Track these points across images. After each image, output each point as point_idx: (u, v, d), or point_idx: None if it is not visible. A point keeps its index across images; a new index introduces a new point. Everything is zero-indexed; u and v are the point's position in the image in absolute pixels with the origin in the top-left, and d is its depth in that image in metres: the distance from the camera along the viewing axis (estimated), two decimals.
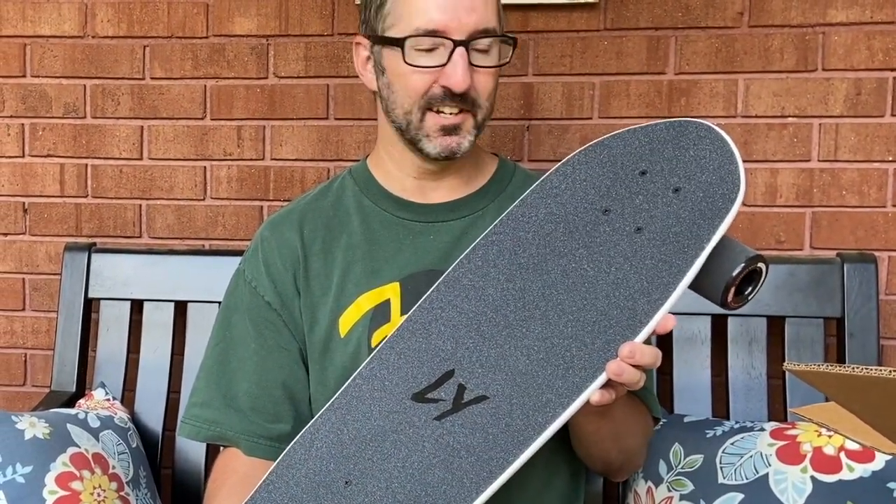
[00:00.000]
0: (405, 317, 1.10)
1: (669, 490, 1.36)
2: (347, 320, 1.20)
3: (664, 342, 1.53)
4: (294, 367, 1.22)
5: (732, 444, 1.35)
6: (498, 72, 1.19)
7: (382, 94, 1.21)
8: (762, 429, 1.37)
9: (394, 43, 1.15)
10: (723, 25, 1.63)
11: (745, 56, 1.62)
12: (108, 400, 1.64)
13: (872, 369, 0.66)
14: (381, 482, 0.97)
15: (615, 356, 0.93)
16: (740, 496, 1.30)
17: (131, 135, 1.79)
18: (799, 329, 1.54)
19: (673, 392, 1.56)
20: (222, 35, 1.75)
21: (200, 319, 1.66)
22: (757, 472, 1.31)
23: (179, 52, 1.76)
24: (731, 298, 0.95)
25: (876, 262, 1.53)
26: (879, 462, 1.27)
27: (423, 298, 1.09)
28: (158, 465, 1.66)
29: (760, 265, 0.95)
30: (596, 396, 0.94)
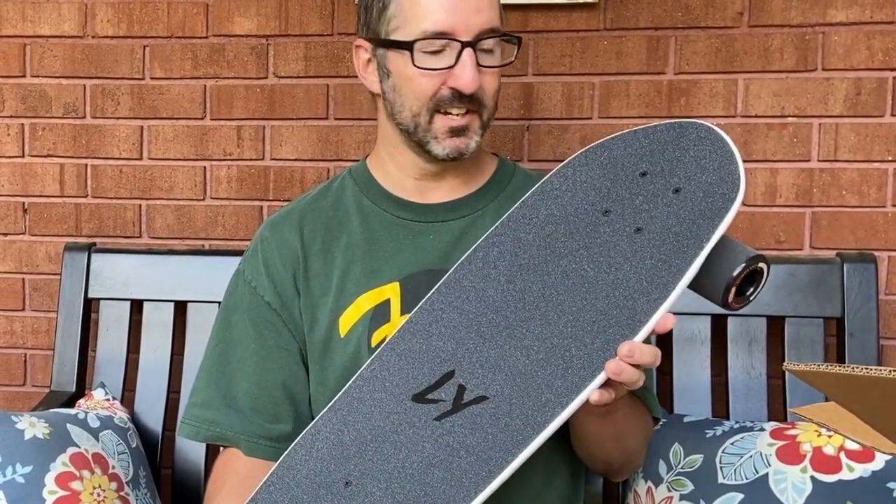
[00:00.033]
0: (406, 318, 1.10)
1: (669, 490, 1.36)
2: (347, 320, 1.20)
3: (664, 342, 1.53)
4: (294, 368, 1.22)
5: (732, 444, 1.35)
6: (501, 71, 1.19)
7: (387, 97, 1.20)
8: (762, 429, 1.37)
9: (400, 46, 1.15)
10: (722, 25, 1.63)
11: (745, 56, 1.62)
12: (108, 400, 1.64)
13: (872, 369, 0.66)
14: (381, 482, 0.97)
15: (614, 356, 0.93)
16: (740, 496, 1.30)
17: (131, 135, 1.79)
18: (799, 329, 1.54)
19: (673, 392, 1.56)
20: (222, 35, 1.75)
21: (200, 319, 1.65)
22: (757, 472, 1.31)
23: (179, 52, 1.76)
24: (733, 299, 0.94)
25: (876, 262, 1.53)
26: (879, 462, 1.27)
27: (424, 300, 1.09)
28: (158, 465, 1.66)
29: (761, 265, 0.94)
30: (595, 396, 0.94)
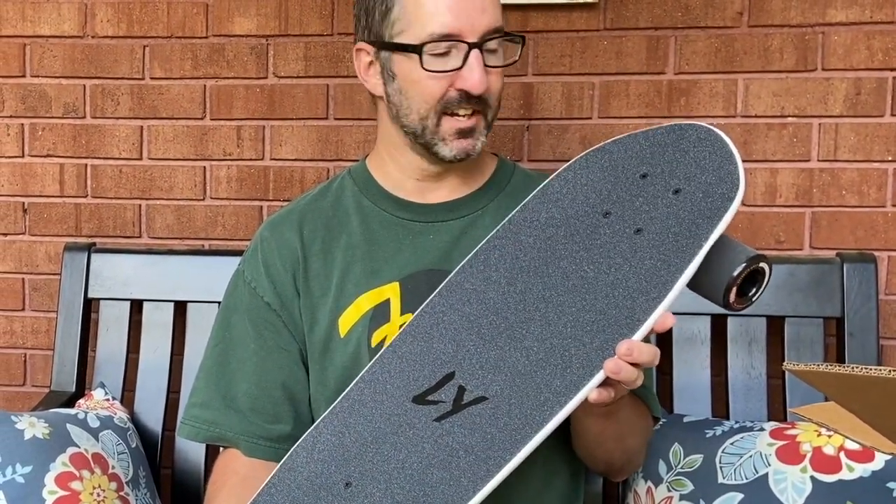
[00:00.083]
0: (406, 318, 1.10)
1: (669, 490, 1.36)
2: (347, 320, 1.20)
3: (664, 342, 1.53)
4: (294, 368, 1.22)
5: (732, 444, 1.35)
6: (504, 70, 1.19)
7: (392, 100, 1.19)
8: (762, 429, 1.37)
9: (407, 49, 1.14)
10: (722, 25, 1.63)
11: (745, 56, 1.62)
12: (108, 400, 1.64)
13: (872, 369, 0.66)
14: (381, 483, 0.97)
15: (613, 354, 0.93)
16: (740, 496, 1.30)
17: (131, 135, 1.79)
18: (799, 329, 1.54)
19: (673, 392, 1.56)
20: (222, 35, 1.75)
21: (200, 319, 1.65)
22: (756, 472, 1.31)
23: (179, 52, 1.76)
24: (734, 299, 0.94)
25: (876, 262, 1.53)
26: (879, 462, 1.27)
27: (426, 303, 1.09)
28: (158, 465, 1.66)
29: (763, 265, 0.94)
30: (594, 395, 0.94)
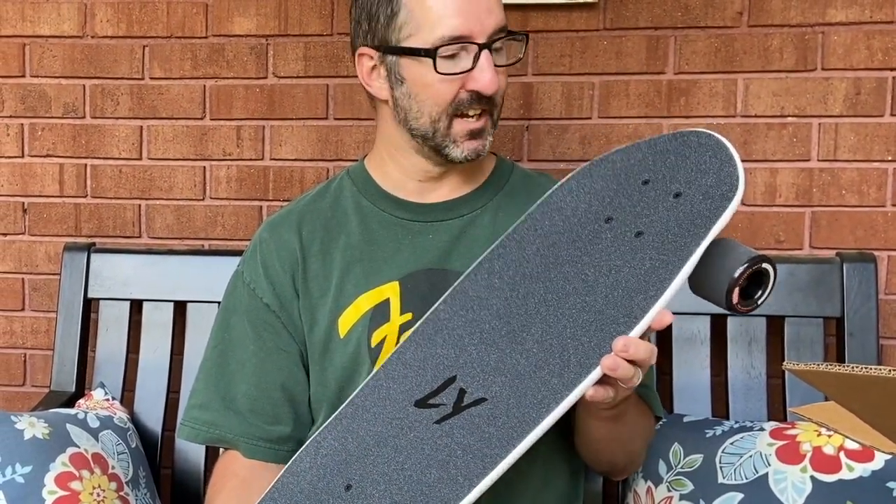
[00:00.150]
0: (413, 329, 1.11)
1: (669, 490, 1.36)
2: (347, 321, 1.20)
3: (664, 342, 1.54)
4: (293, 369, 1.22)
5: (732, 444, 1.35)
6: (508, 69, 1.19)
7: (400, 104, 1.18)
8: (762, 428, 1.37)
9: (418, 53, 1.13)
10: (722, 25, 1.63)
11: (745, 56, 1.62)
12: (108, 400, 1.64)
13: (872, 368, 0.66)
14: (381, 485, 0.98)
15: (610, 352, 0.93)
16: (740, 496, 1.30)
17: (131, 135, 1.79)
18: (798, 329, 1.54)
19: (672, 392, 1.56)
20: (222, 35, 1.75)
21: (200, 319, 1.65)
22: (756, 472, 1.31)
23: (179, 52, 1.76)
24: (738, 301, 0.95)
25: (875, 262, 1.53)
26: (879, 462, 1.27)
27: (430, 311, 1.10)
28: (158, 465, 1.66)
29: (765, 266, 0.95)
30: (591, 392, 0.95)
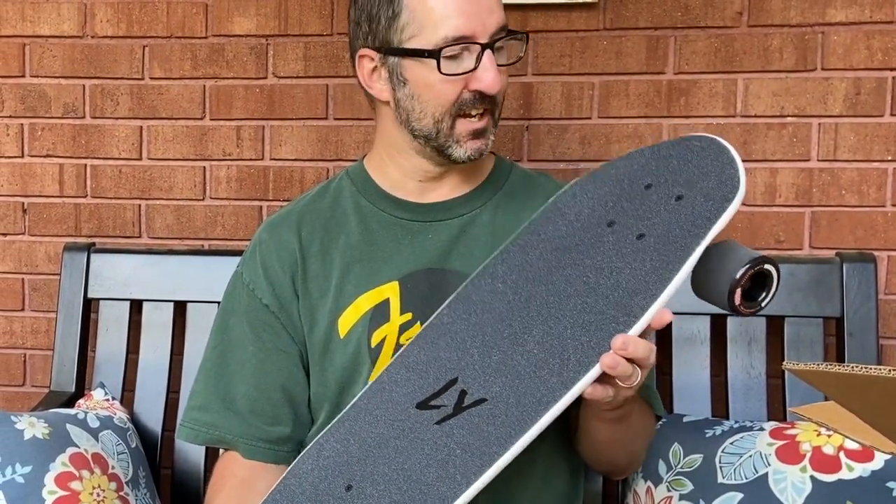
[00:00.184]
0: (416, 333, 1.11)
1: (669, 490, 1.36)
2: (347, 321, 1.20)
3: (664, 342, 1.54)
4: (293, 370, 1.22)
5: (732, 444, 1.35)
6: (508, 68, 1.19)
7: (402, 105, 1.17)
8: (761, 428, 1.37)
9: (421, 54, 1.13)
10: (722, 25, 1.63)
11: (745, 56, 1.62)
12: (108, 400, 1.64)
13: (872, 368, 0.66)
14: (381, 485, 0.99)
15: (610, 350, 0.94)
16: (740, 496, 1.30)
17: (130, 135, 1.79)
18: (798, 329, 1.54)
19: (672, 392, 1.56)
20: (221, 35, 1.75)
21: (200, 319, 1.65)
22: (756, 472, 1.31)
23: (179, 52, 1.76)
24: (740, 302, 0.95)
25: (875, 262, 1.53)
26: (879, 462, 1.27)
27: (434, 315, 1.11)
28: (158, 466, 1.66)
29: (767, 267, 0.95)
30: (589, 390, 0.95)
